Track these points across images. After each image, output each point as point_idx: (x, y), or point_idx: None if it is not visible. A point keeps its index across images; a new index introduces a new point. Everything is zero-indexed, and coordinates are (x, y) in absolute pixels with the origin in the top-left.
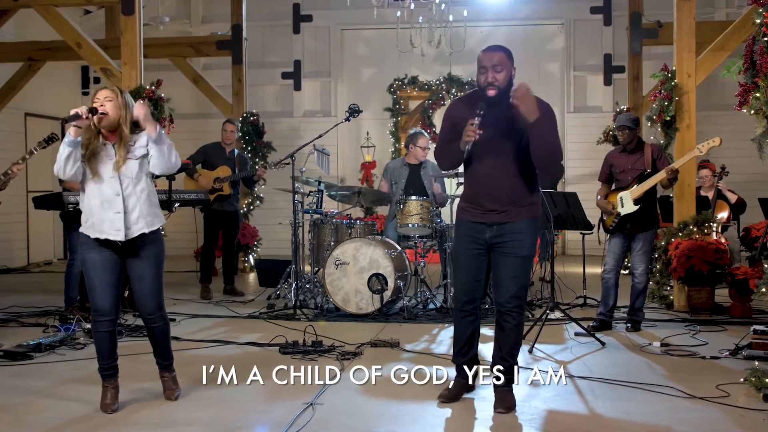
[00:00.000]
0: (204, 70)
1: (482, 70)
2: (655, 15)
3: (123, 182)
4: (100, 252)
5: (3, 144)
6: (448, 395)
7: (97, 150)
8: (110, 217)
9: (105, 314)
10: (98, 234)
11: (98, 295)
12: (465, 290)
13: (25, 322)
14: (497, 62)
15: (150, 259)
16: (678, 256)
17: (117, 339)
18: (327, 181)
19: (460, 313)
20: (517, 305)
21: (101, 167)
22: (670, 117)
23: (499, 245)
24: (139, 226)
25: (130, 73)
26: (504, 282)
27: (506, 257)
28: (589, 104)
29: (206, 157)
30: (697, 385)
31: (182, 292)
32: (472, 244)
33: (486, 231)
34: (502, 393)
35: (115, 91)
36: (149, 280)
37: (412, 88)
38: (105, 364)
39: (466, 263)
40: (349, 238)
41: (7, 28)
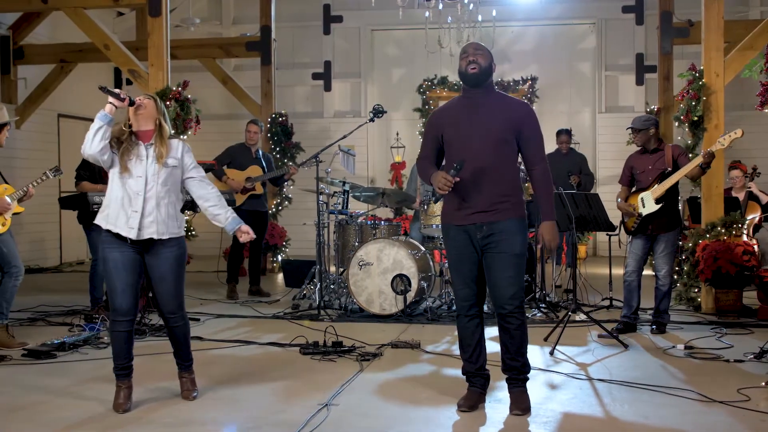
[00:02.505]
0: (235, 71)
1: (464, 55)
2: (687, 14)
3: (148, 183)
4: (121, 251)
5: (36, 144)
6: (466, 404)
7: (129, 147)
8: (127, 214)
9: (124, 314)
10: (111, 226)
11: (118, 295)
12: (464, 295)
13: (52, 322)
14: (477, 47)
15: (171, 260)
16: (705, 257)
17: (134, 340)
18: (352, 182)
19: (464, 318)
20: (517, 306)
21: (130, 164)
22: (697, 117)
23: (490, 245)
24: (150, 231)
25: (157, 74)
26: (501, 284)
27: (499, 256)
28: (621, 104)
29: (232, 158)
30: (718, 389)
31: (209, 292)
32: (465, 247)
33: (476, 232)
34: (517, 394)
35: (153, 96)
36: (170, 280)
37: (442, 89)
38: (120, 364)
39: (462, 268)
40: (373, 239)
41: (40, 30)
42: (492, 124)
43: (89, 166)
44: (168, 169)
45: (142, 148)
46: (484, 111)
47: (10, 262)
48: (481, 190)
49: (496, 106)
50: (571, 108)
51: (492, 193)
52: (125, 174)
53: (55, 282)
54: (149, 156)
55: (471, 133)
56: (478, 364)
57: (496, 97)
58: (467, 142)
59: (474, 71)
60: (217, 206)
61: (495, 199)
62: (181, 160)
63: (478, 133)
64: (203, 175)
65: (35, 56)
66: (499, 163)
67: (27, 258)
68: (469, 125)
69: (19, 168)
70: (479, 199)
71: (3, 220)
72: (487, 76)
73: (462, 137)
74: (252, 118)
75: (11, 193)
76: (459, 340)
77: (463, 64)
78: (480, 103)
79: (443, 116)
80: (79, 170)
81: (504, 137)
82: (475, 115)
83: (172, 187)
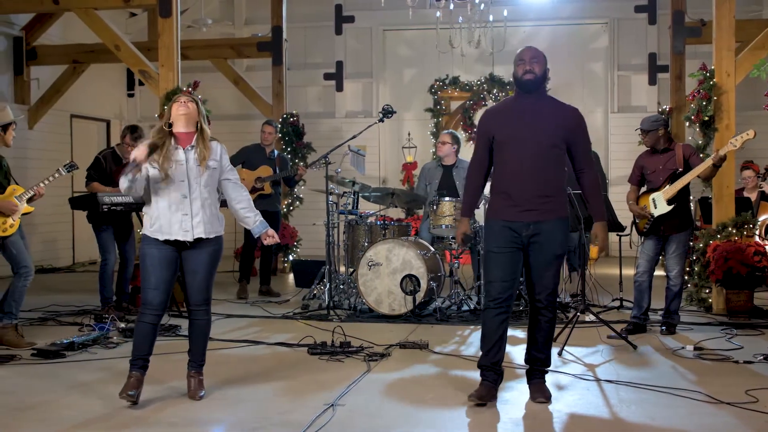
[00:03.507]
0: (247, 71)
1: (521, 62)
2: (699, 13)
3: (191, 185)
4: (159, 248)
5: (49, 145)
6: (478, 395)
7: (168, 154)
8: (178, 218)
9: (154, 308)
10: (167, 236)
11: (151, 290)
12: (502, 288)
13: (63, 321)
14: (534, 55)
15: (207, 255)
16: (716, 258)
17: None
18: (363, 182)
19: (492, 310)
20: (554, 300)
21: (171, 171)
22: (708, 117)
23: (535, 244)
24: (199, 230)
25: (167, 74)
26: (542, 281)
27: (543, 255)
28: (634, 104)
29: (246, 158)
30: (726, 390)
31: (220, 292)
32: (509, 242)
33: (523, 230)
34: (538, 384)
35: (194, 97)
36: (202, 273)
37: (453, 89)
38: (138, 355)
39: (503, 261)
40: (382, 239)
41: (53, 31)
42: (543, 129)
43: (99, 167)
44: (209, 170)
45: (181, 152)
46: (537, 115)
47: (20, 263)
48: (529, 190)
49: (548, 110)
50: (583, 108)
51: (541, 193)
52: (167, 181)
53: (67, 282)
54: (189, 159)
55: (523, 136)
56: (495, 359)
57: (548, 101)
58: (519, 145)
59: (530, 78)
60: (248, 209)
61: (542, 199)
62: (220, 162)
63: (530, 136)
64: (237, 177)
65: (48, 57)
66: (548, 165)
67: (40, 258)
68: (522, 128)
69: (32, 168)
70: (528, 199)
71: (11, 221)
72: (542, 83)
73: (514, 140)
74: (267, 119)
75: (20, 193)
76: (482, 333)
77: (519, 70)
78: (533, 107)
79: (495, 118)
80: (89, 170)
81: (554, 141)
82: (528, 119)
83: (212, 187)
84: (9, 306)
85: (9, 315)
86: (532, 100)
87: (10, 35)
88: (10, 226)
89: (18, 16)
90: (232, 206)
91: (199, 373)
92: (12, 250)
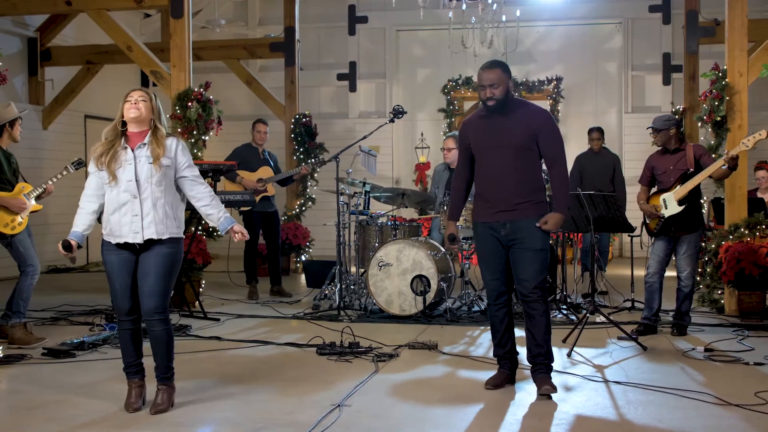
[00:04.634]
0: (261, 71)
1: (481, 87)
2: (713, 13)
3: (142, 185)
4: (118, 254)
5: (63, 145)
6: (494, 382)
7: (115, 156)
8: (128, 220)
9: (125, 314)
10: (118, 239)
11: (118, 297)
12: (493, 286)
13: (74, 321)
14: (492, 81)
15: (160, 257)
16: (728, 259)
17: (142, 339)
18: (374, 183)
19: (493, 307)
20: (540, 294)
21: (119, 171)
22: (720, 117)
23: (514, 242)
24: (150, 231)
25: (179, 75)
26: (525, 276)
27: (523, 252)
28: (648, 104)
29: (241, 159)
30: (735, 392)
31: (231, 293)
32: (491, 242)
33: (500, 229)
34: (542, 378)
35: (149, 93)
36: (153, 278)
37: (466, 89)
38: (128, 362)
39: (490, 261)
40: (392, 240)
41: (67, 32)
42: (514, 133)
43: None
44: (163, 169)
45: (129, 152)
46: (506, 121)
47: (26, 261)
48: (504, 191)
49: (517, 115)
50: (597, 108)
51: (515, 194)
52: (114, 183)
53: (80, 282)
54: (140, 158)
55: (495, 142)
56: (506, 348)
57: (516, 106)
58: (492, 151)
59: (492, 105)
60: (210, 206)
61: (518, 200)
62: (175, 159)
63: (501, 142)
64: (196, 174)
65: (62, 58)
66: (520, 167)
67: (54, 258)
68: (493, 135)
69: (47, 168)
70: (503, 200)
71: (19, 219)
72: (506, 102)
73: (487, 146)
74: (259, 118)
75: (29, 191)
76: (490, 326)
77: (481, 94)
78: (502, 114)
79: (470, 128)
80: None
81: (524, 143)
82: (499, 125)
83: (167, 187)
84: (17, 305)
85: (18, 314)
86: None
87: (24, 36)
88: (18, 224)
89: (32, 18)
90: (194, 204)
91: (165, 385)
92: (19, 248)
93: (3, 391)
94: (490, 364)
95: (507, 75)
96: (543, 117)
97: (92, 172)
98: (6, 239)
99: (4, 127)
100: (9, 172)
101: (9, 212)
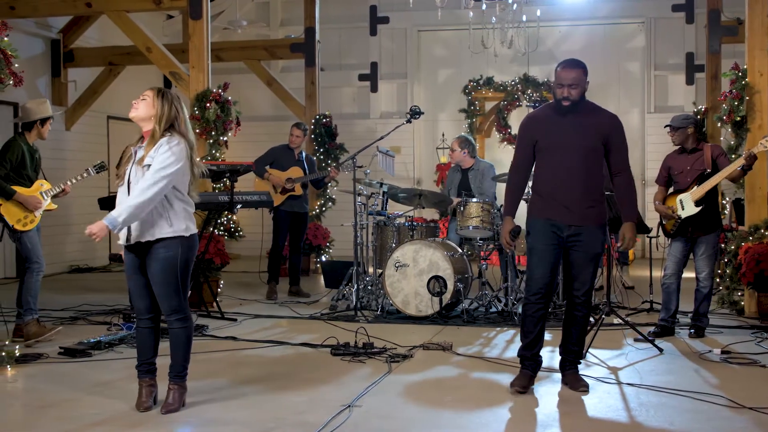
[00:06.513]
0: (282, 72)
1: (560, 87)
2: (737, 12)
3: (130, 187)
4: (127, 255)
5: (86, 146)
6: (518, 384)
7: (131, 155)
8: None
9: (142, 313)
10: (121, 240)
11: (134, 297)
12: (543, 283)
13: (93, 321)
14: (573, 81)
15: (159, 263)
16: (747, 260)
17: (159, 338)
18: (394, 183)
19: (533, 305)
20: (590, 297)
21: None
22: (740, 117)
23: (575, 244)
24: (136, 234)
25: (198, 76)
26: (581, 278)
27: (583, 255)
28: (671, 104)
29: (275, 159)
30: (750, 395)
31: (250, 292)
32: (552, 239)
33: (565, 230)
34: (574, 375)
35: (153, 90)
36: (158, 285)
37: (488, 89)
38: (141, 360)
39: (545, 257)
40: (409, 240)
41: (90, 33)
42: (584, 134)
43: None
44: (144, 168)
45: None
46: (577, 121)
47: (32, 258)
48: (571, 192)
49: (588, 116)
50: (619, 108)
51: (583, 197)
52: (121, 183)
53: (101, 282)
54: (135, 159)
55: (565, 142)
56: (534, 351)
57: (586, 107)
58: (562, 150)
59: (567, 105)
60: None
61: (585, 203)
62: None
63: (572, 142)
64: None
65: (85, 59)
66: (588, 169)
67: (76, 258)
68: (564, 134)
69: (69, 169)
70: (571, 201)
71: (32, 216)
72: (578, 103)
73: (557, 145)
74: (296, 122)
75: (47, 189)
76: (522, 326)
77: (557, 92)
78: (573, 114)
79: (538, 123)
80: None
81: (594, 146)
82: (569, 125)
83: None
84: (27, 303)
85: (29, 311)
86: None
87: (48, 38)
88: (30, 221)
89: (56, 19)
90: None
91: (177, 384)
92: (27, 245)
93: (18, 390)
94: (504, 366)
95: (586, 76)
96: (615, 122)
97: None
98: (16, 234)
99: (35, 123)
100: (30, 168)
101: (23, 208)
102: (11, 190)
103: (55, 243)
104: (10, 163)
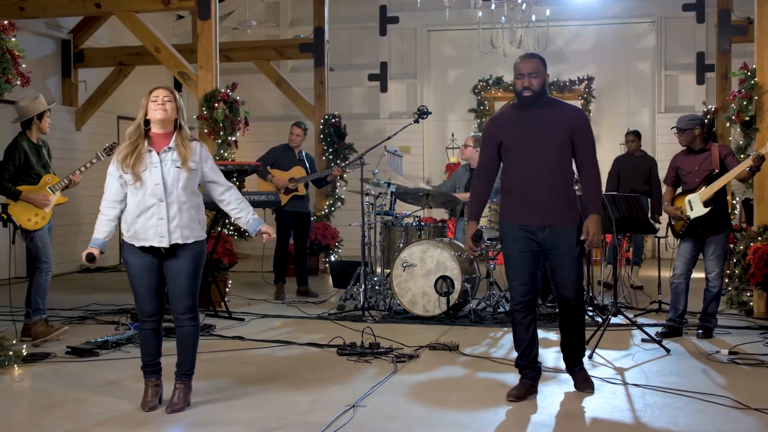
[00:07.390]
0: (292, 72)
1: (519, 76)
2: (747, 12)
3: (168, 189)
4: (140, 256)
5: (96, 146)
6: (516, 394)
7: (140, 157)
8: (154, 223)
9: (148, 316)
10: (143, 242)
11: (142, 299)
12: (524, 290)
13: (101, 320)
14: (532, 70)
15: (188, 258)
16: (756, 261)
17: (162, 338)
18: (405, 183)
19: (519, 313)
20: (581, 296)
21: (145, 174)
22: (749, 117)
23: (553, 247)
24: (176, 236)
25: (206, 76)
26: (567, 282)
27: (564, 258)
28: (681, 104)
29: (275, 159)
30: (757, 395)
31: (258, 292)
32: (526, 244)
33: (539, 233)
34: (581, 372)
35: (173, 92)
36: (185, 278)
37: (497, 89)
38: (147, 361)
39: (522, 264)
40: (416, 240)
41: (100, 34)
42: (549, 131)
43: None
44: (190, 172)
45: (155, 156)
46: (540, 118)
47: (41, 257)
48: (542, 191)
49: (550, 113)
50: (629, 108)
51: (553, 195)
52: (139, 184)
53: (111, 281)
54: (166, 161)
55: (530, 141)
56: (530, 358)
57: (549, 103)
58: (528, 149)
59: (528, 95)
60: (238, 209)
61: (556, 201)
62: (200, 164)
63: (535, 139)
64: (221, 178)
65: (95, 59)
66: (556, 166)
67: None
68: (528, 133)
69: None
70: (541, 201)
71: (43, 213)
72: (541, 96)
73: (522, 145)
74: (295, 121)
75: (55, 183)
76: (513, 335)
77: (517, 84)
78: (535, 112)
79: (501, 124)
80: None
81: (560, 142)
82: (531, 123)
83: (191, 190)
84: (36, 302)
85: (37, 311)
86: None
87: (58, 38)
88: (42, 219)
89: (66, 20)
90: (222, 208)
91: (184, 384)
92: (38, 243)
93: (25, 389)
94: (511, 366)
95: (545, 68)
96: (581, 117)
97: (112, 174)
98: (29, 234)
99: (32, 120)
100: (38, 166)
101: (32, 207)
102: (17, 191)
103: (66, 243)
104: (13, 165)
